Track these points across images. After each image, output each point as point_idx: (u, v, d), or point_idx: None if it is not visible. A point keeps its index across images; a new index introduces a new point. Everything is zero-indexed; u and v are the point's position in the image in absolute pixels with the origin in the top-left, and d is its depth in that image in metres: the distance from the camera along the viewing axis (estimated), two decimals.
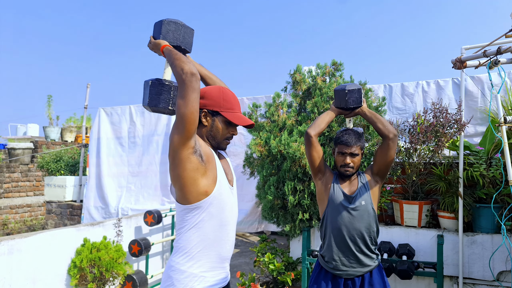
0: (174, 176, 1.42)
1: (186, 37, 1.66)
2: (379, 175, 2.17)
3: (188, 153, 1.38)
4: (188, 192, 1.42)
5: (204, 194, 1.44)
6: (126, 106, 6.14)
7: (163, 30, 1.59)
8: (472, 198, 3.39)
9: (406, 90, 4.33)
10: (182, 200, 1.46)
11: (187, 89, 1.35)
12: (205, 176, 1.44)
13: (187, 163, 1.38)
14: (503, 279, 3.19)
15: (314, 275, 2.22)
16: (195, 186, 1.42)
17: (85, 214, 6.08)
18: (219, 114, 1.54)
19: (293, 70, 4.01)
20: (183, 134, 1.35)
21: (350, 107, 2.17)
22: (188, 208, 1.45)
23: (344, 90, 2.16)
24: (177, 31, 1.62)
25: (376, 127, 2.14)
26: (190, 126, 1.35)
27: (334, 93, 2.24)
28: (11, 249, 2.84)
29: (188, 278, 1.45)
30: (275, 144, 3.57)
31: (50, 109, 10.72)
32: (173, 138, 1.37)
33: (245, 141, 5.25)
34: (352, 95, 2.16)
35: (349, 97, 2.16)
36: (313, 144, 2.15)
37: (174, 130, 1.38)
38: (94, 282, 3.30)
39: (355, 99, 2.16)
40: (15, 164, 8.71)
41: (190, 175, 1.40)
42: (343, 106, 2.19)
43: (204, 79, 1.78)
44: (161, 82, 1.58)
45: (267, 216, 3.87)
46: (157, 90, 1.57)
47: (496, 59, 2.32)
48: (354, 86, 2.17)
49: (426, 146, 3.39)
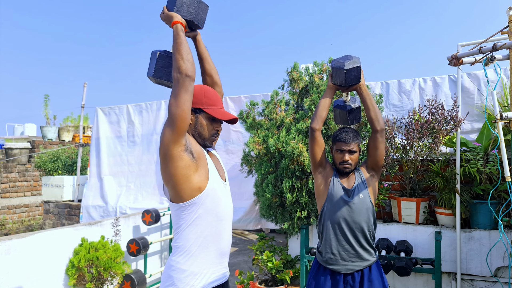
0: (166, 175, 1.42)
1: (200, 12, 1.63)
2: (374, 169, 2.20)
3: (179, 150, 1.39)
4: (181, 190, 1.43)
5: (198, 190, 1.45)
6: (123, 106, 6.12)
7: (177, 2, 1.56)
8: (469, 194, 3.41)
9: (403, 87, 4.33)
10: (176, 199, 1.46)
11: (180, 89, 1.37)
12: (197, 173, 1.45)
13: (179, 160, 1.39)
14: (501, 275, 3.21)
15: (312, 272, 2.22)
16: (188, 183, 1.42)
17: (84, 213, 6.07)
18: (202, 111, 1.55)
19: (291, 68, 4.00)
20: (175, 132, 1.36)
21: (348, 85, 2.11)
22: (183, 206, 1.46)
23: (343, 69, 2.05)
24: (192, 5, 1.59)
25: (368, 115, 2.14)
26: (181, 124, 1.37)
27: (331, 69, 2.15)
28: (8, 249, 2.83)
29: (189, 277, 1.45)
30: (273, 142, 3.57)
31: (47, 108, 10.67)
32: (164, 136, 1.38)
33: (243, 139, 5.24)
34: (351, 74, 2.07)
35: (347, 76, 2.07)
36: (317, 138, 2.16)
37: (165, 129, 1.38)
38: (92, 282, 3.30)
39: (354, 77, 2.08)
40: (13, 164, 8.68)
41: (182, 172, 1.40)
42: (341, 84, 2.12)
43: (202, 61, 1.77)
44: (169, 55, 1.58)
45: (265, 214, 3.87)
46: (164, 63, 1.57)
47: (492, 56, 2.32)
48: (352, 64, 2.05)
49: (423, 142, 3.40)
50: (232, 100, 5.39)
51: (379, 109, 2.16)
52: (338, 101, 2.36)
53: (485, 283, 3.27)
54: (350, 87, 2.16)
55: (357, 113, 2.28)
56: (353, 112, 2.26)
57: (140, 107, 6.00)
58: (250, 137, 3.87)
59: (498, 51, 2.30)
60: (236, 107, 5.29)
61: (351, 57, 2.09)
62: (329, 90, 2.21)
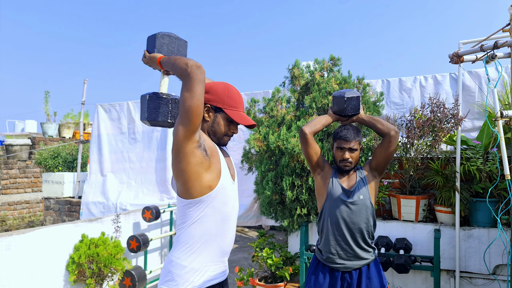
0: (178, 170, 1.40)
1: (180, 49, 1.65)
2: (377, 170, 2.20)
3: (193, 147, 1.36)
4: (191, 187, 1.41)
5: (208, 188, 1.43)
6: (124, 102, 6.12)
7: (157, 44, 1.58)
8: (469, 192, 3.41)
9: (404, 85, 4.33)
10: (185, 195, 1.44)
11: (193, 81, 1.33)
12: (209, 171, 1.43)
13: (192, 157, 1.37)
14: (500, 273, 3.22)
15: (311, 269, 2.24)
16: (199, 180, 1.40)
17: (84, 209, 6.08)
18: (222, 111, 1.52)
19: (292, 65, 4.00)
20: (189, 127, 1.33)
21: (348, 114, 2.18)
22: (191, 202, 1.44)
23: (343, 97, 2.14)
24: (171, 44, 1.61)
25: (377, 129, 2.16)
26: (195, 119, 1.33)
27: (332, 99, 2.24)
28: (8, 245, 2.84)
29: (189, 273, 1.44)
30: (273, 139, 3.57)
31: (48, 105, 10.69)
32: (178, 132, 1.34)
33: (244, 136, 5.25)
34: (351, 103, 2.15)
35: (347, 105, 2.15)
36: (308, 141, 2.16)
37: (178, 124, 1.35)
38: (93, 278, 3.31)
39: (353, 106, 2.16)
40: (13, 160, 8.69)
41: (194, 169, 1.38)
42: (341, 113, 2.19)
43: None
44: (158, 96, 1.58)
45: (265, 211, 3.88)
46: (155, 104, 1.56)
47: (493, 53, 2.32)
48: (353, 94, 2.16)
49: (423, 141, 3.40)
50: None
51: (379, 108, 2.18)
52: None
53: (483, 280, 3.28)
54: (349, 118, 2.22)
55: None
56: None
57: (140, 104, 5.99)
58: (251, 134, 3.87)
59: (499, 49, 2.31)
60: None
61: (352, 90, 2.20)
62: (329, 116, 2.25)
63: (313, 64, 4.06)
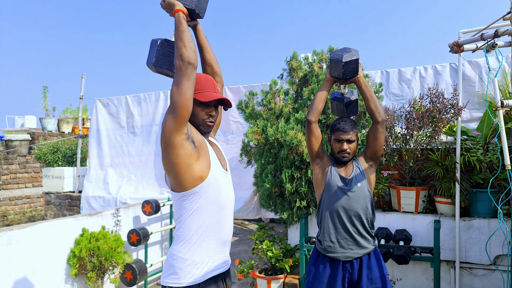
0: (168, 163, 1.41)
1: (201, 1, 1.62)
2: (372, 159, 2.22)
3: (181, 139, 1.38)
4: (183, 179, 1.42)
5: (200, 179, 1.45)
6: (122, 97, 6.09)
7: None
8: (469, 183, 3.40)
9: (403, 76, 4.30)
10: (178, 188, 1.46)
11: (183, 77, 1.36)
12: (198, 162, 1.44)
13: (180, 149, 1.38)
14: (500, 263, 3.22)
15: (312, 260, 2.25)
16: (189, 172, 1.42)
17: (84, 204, 6.09)
18: None
19: (290, 57, 3.97)
20: (177, 120, 1.35)
21: (346, 77, 2.11)
22: (185, 195, 1.45)
23: (341, 61, 2.05)
24: None
25: (368, 106, 2.14)
26: (183, 112, 1.36)
27: (330, 61, 2.14)
28: (9, 240, 2.84)
29: (191, 266, 1.46)
30: (272, 132, 3.56)
31: (46, 100, 10.66)
32: (166, 125, 1.37)
33: (243, 129, 5.23)
34: (349, 66, 2.07)
35: (345, 68, 2.07)
36: (313, 130, 2.17)
37: (166, 117, 1.37)
38: (94, 271, 3.32)
39: (352, 69, 2.08)
40: (13, 156, 8.70)
41: (184, 161, 1.40)
42: (339, 76, 2.12)
43: (202, 51, 1.75)
44: (170, 44, 1.56)
45: (265, 204, 3.88)
46: (165, 51, 1.55)
47: (494, 42, 2.29)
48: (350, 57, 2.05)
49: (423, 131, 3.38)
50: (231, 90, 5.37)
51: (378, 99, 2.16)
52: (335, 93, 2.35)
53: (483, 271, 3.28)
54: (348, 80, 2.16)
55: (354, 105, 2.28)
56: (351, 105, 2.26)
57: (138, 98, 5.98)
58: (249, 127, 3.86)
59: (500, 37, 2.28)
60: (235, 97, 5.26)
61: (350, 49, 2.09)
62: (327, 82, 2.21)
63: (311, 55, 4.02)
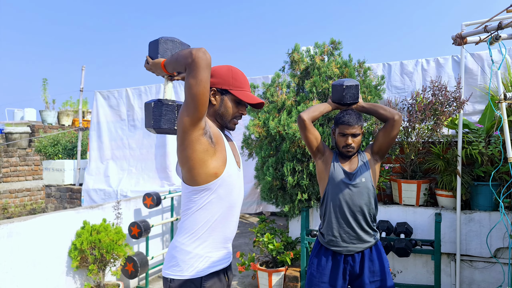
0: (183, 157, 1.38)
1: None
2: (379, 154, 2.21)
3: (198, 134, 1.34)
4: (197, 174, 1.40)
5: (214, 176, 1.42)
6: (122, 89, 6.06)
7: (160, 49, 1.54)
8: (470, 176, 3.40)
9: (405, 69, 4.27)
10: (190, 182, 1.43)
11: (198, 67, 1.28)
12: (214, 158, 1.41)
13: (197, 144, 1.35)
14: (500, 256, 3.23)
15: (314, 252, 2.25)
16: (204, 167, 1.39)
17: (85, 196, 6.10)
18: (228, 93, 1.50)
19: (291, 50, 3.94)
20: (194, 115, 1.31)
21: (347, 102, 2.20)
22: (196, 189, 1.43)
23: (342, 85, 2.17)
24: (175, 49, 1.58)
25: (379, 115, 2.17)
26: (201, 106, 1.30)
27: (331, 87, 2.26)
28: (10, 232, 2.84)
29: (194, 259, 1.45)
30: (274, 125, 3.54)
31: (46, 92, 10.62)
32: (183, 119, 1.32)
33: (243, 122, 5.21)
34: (350, 91, 2.18)
35: (346, 93, 2.17)
36: (307, 127, 2.16)
37: (184, 111, 1.32)
38: (95, 264, 3.33)
39: (352, 95, 2.18)
40: (13, 148, 8.69)
41: (199, 156, 1.37)
42: (340, 101, 2.21)
43: None
44: (163, 103, 1.55)
45: (266, 197, 3.88)
46: (160, 112, 1.54)
47: (497, 35, 2.27)
48: (351, 82, 2.19)
49: (425, 124, 3.37)
50: None
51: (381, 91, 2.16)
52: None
53: (484, 263, 3.30)
54: (348, 106, 2.23)
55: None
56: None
57: (139, 90, 5.95)
58: (251, 120, 3.84)
59: (503, 29, 2.26)
60: None
61: (351, 79, 2.23)
62: (328, 104, 2.27)
63: (313, 48, 4.00)
